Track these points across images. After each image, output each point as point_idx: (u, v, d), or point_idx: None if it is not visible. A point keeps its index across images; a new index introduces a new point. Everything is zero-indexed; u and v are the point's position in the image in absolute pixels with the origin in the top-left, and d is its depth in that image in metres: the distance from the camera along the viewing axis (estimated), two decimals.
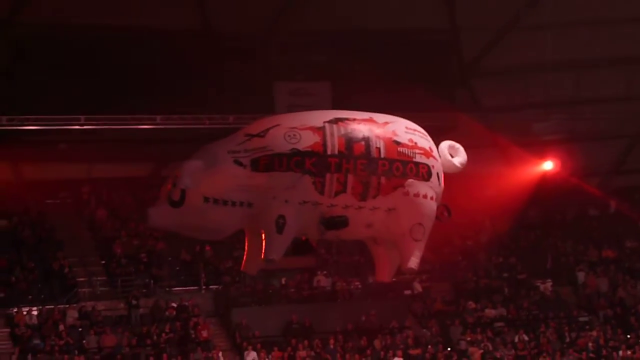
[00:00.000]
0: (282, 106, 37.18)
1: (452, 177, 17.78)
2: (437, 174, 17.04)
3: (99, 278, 35.14)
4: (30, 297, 33.71)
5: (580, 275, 39.71)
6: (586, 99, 40.37)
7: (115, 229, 37.43)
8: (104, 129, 34.51)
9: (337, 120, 16.31)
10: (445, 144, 17.56)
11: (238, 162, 15.65)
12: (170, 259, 36.60)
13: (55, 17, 33.95)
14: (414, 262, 17.01)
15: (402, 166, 16.46)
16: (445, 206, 17.55)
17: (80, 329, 32.98)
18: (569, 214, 43.98)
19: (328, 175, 15.90)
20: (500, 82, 39.53)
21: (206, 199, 15.53)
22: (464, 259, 39.66)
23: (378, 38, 37.42)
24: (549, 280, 39.31)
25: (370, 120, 16.61)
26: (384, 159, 16.33)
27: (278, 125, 16.13)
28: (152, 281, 35.45)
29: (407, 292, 37.27)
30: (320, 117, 16.39)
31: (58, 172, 37.82)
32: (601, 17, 37.91)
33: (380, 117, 16.80)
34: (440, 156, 17.29)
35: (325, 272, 37.09)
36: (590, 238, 42.13)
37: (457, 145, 17.62)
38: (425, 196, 16.78)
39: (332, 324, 35.24)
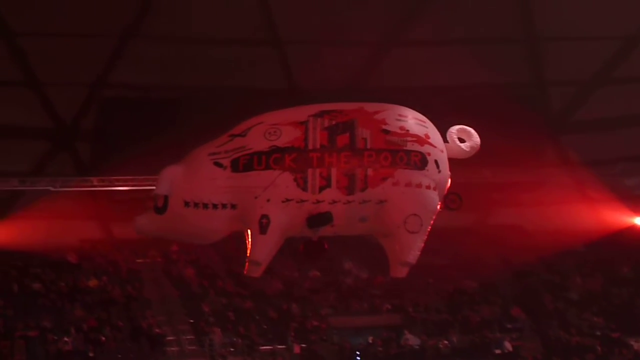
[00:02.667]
0: None
1: (543, 233, 17.22)
2: (436, 161, 16.19)
3: (187, 337, 35.21)
4: (119, 356, 33.85)
5: None
6: None
7: (203, 287, 37.56)
8: None
9: (322, 114, 15.74)
10: (454, 128, 16.79)
11: (218, 164, 15.38)
12: (257, 317, 36.57)
13: (143, 78, 34.46)
14: (411, 256, 16.30)
15: (391, 156, 15.75)
16: (456, 194, 16.77)
17: None
18: None
19: (310, 171, 15.41)
20: (590, 136, 38.96)
21: (187, 204, 15.29)
22: (555, 317, 38.95)
23: (463, 93, 37.24)
24: None
25: (360, 110, 15.97)
26: (371, 149, 15.65)
27: (261, 123, 15.73)
28: (239, 339, 35.43)
29: (498, 351, 36.67)
30: (305, 111, 15.83)
31: None
32: None
33: (372, 106, 16.08)
34: (442, 143, 16.46)
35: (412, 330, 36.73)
36: None
37: (469, 129, 16.80)
38: (419, 185, 16.04)
39: None
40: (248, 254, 15.85)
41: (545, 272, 40.50)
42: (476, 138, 16.60)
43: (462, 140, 16.95)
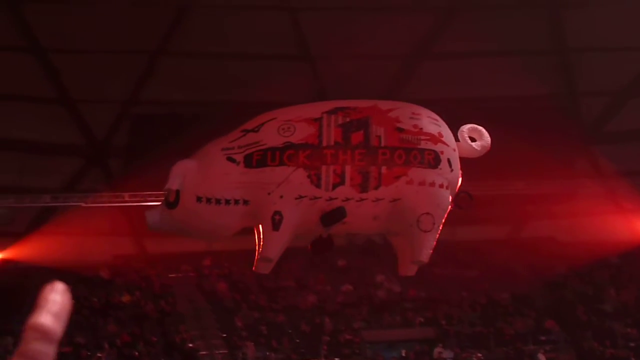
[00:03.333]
0: None
1: (576, 244, 17.06)
2: (448, 159, 15.95)
3: (220, 351, 35.24)
4: None
5: None
6: None
7: (236, 301, 37.61)
8: None
9: (336, 110, 15.53)
10: (466, 127, 16.52)
11: (231, 159, 15.15)
12: (290, 331, 36.56)
13: (174, 94, 34.63)
14: (424, 255, 16.01)
15: (405, 154, 15.51)
16: (466, 193, 16.47)
17: None
18: None
19: (324, 168, 15.16)
20: (623, 146, 38.76)
21: (199, 199, 15.08)
22: (589, 329, 38.70)
23: (495, 105, 37.14)
24: None
25: (374, 108, 15.77)
26: (385, 147, 15.42)
27: (274, 118, 15.48)
28: (272, 354, 35.41)
29: None
30: (319, 108, 15.62)
31: (180, 246, 38.25)
32: None
33: (385, 104, 15.89)
34: (454, 141, 16.23)
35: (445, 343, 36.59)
36: None
37: (480, 128, 16.52)
38: (432, 184, 15.83)
39: None
40: (259, 250, 15.58)
41: (579, 284, 40.24)
42: (487, 137, 16.40)
43: (472, 140, 16.70)
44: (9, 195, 35.47)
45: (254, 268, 16.40)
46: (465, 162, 17.55)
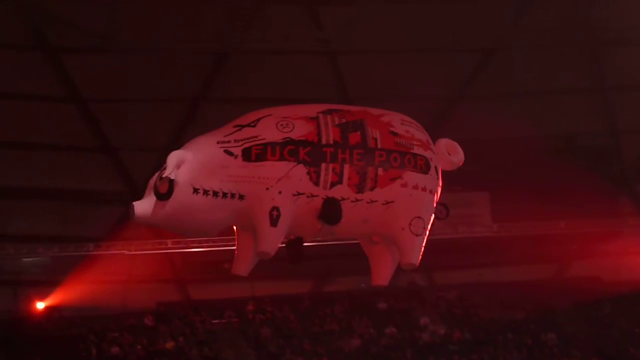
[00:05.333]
0: None
1: (620, 283, 16.93)
2: (435, 167, 15.91)
3: None
4: None
5: None
6: None
7: (280, 346, 37.51)
8: None
9: (331, 111, 15.49)
10: (443, 141, 16.37)
11: (228, 152, 14.59)
12: None
13: None
14: (416, 258, 15.77)
15: (400, 157, 15.23)
16: (443, 205, 16.24)
17: None
18: None
19: (323, 165, 14.76)
20: None
21: (196, 190, 14.43)
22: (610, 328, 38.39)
23: (535, 145, 37.06)
24: None
25: (365, 112, 15.68)
26: (381, 149, 15.20)
27: (270, 115, 15.26)
28: None
29: None
30: (314, 108, 15.48)
31: (223, 291, 38.31)
32: None
33: (375, 110, 15.80)
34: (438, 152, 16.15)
35: None
36: None
37: (455, 144, 16.37)
38: (424, 189, 15.49)
39: None
40: (257, 247, 15.18)
41: (625, 323, 39.84)
42: (461, 155, 16.25)
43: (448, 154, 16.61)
44: (53, 244, 35.73)
45: (232, 270, 15.94)
46: (509, 202, 17.46)
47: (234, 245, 34.73)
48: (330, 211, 14.98)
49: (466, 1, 33.32)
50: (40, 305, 37.04)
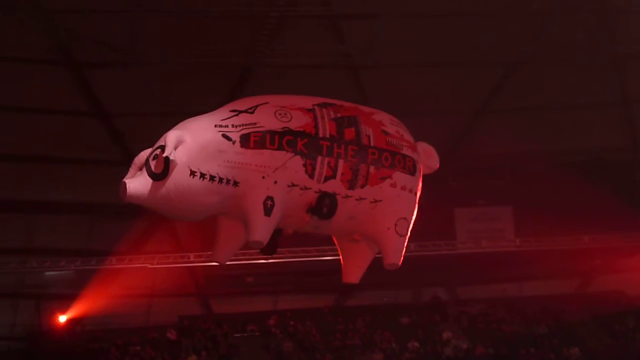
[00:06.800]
0: (462, 232, 36.98)
1: None
2: (419, 170, 15.83)
3: None
4: None
5: None
6: None
7: None
8: (289, 261, 34.92)
9: (325, 105, 15.33)
10: (422, 144, 16.24)
11: (226, 137, 14.26)
12: None
13: None
14: (398, 257, 15.58)
15: (391, 157, 15.15)
16: (420, 209, 16.06)
17: None
18: None
19: (319, 158, 14.58)
20: None
21: (193, 173, 14.01)
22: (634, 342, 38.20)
23: (558, 159, 36.99)
24: None
25: (357, 108, 15.54)
26: (374, 147, 15.07)
27: (267, 102, 14.99)
28: None
29: None
30: (309, 100, 15.30)
31: (245, 305, 38.36)
32: None
33: (366, 108, 15.68)
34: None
35: None
36: None
37: (431, 148, 16.19)
38: (411, 190, 15.43)
39: None
40: (249, 235, 14.82)
41: None
42: (437, 159, 16.11)
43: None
44: (76, 257, 35.85)
45: (211, 257, 15.62)
46: (532, 217, 17.23)
47: (257, 260, 34.80)
48: (330, 204, 14.81)
49: (488, 15, 33.28)
50: (62, 318, 37.15)
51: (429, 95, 34.37)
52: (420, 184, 15.61)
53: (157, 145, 14.15)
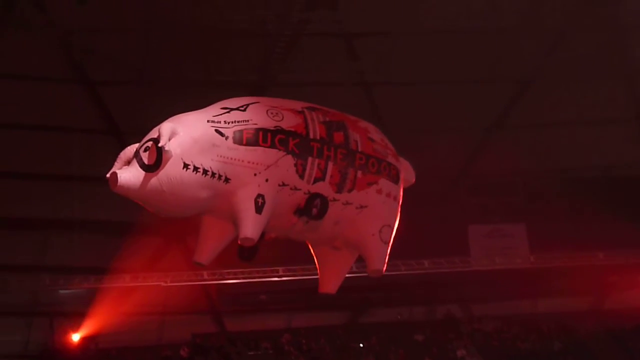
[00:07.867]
0: (476, 249, 36.89)
1: None
2: (401, 179, 15.78)
3: None
4: None
5: None
6: None
7: None
8: (302, 279, 34.89)
9: (314, 109, 15.25)
10: (399, 158, 16.20)
11: (219, 132, 14.13)
12: None
13: None
14: (382, 264, 15.49)
15: (377, 163, 15.17)
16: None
17: None
18: None
19: (310, 159, 14.51)
20: None
21: (186, 166, 13.81)
22: None
23: (572, 175, 36.92)
24: None
25: (343, 115, 15.59)
26: (361, 152, 15.05)
27: (258, 102, 14.92)
28: None
29: None
30: (297, 103, 15.25)
31: (259, 323, 38.32)
32: None
33: (351, 116, 15.73)
34: None
35: None
36: None
37: (407, 162, 16.12)
38: (395, 198, 15.44)
39: None
40: (240, 232, 14.61)
41: None
42: (413, 174, 16.08)
43: None
44: (89, 275, 35.88)
45: (194, 258, 15.46)
46: (546, 233, 17.12)
47: (270, 277, 34.78)
48: (320, 204, 14.72)
49: (502, 32, 33.30)
50: (76, 336, 37.16)
51: (443, 112, 34.35)
52: (401, 194, 15.61)
53: (147, 137, 14.06)
